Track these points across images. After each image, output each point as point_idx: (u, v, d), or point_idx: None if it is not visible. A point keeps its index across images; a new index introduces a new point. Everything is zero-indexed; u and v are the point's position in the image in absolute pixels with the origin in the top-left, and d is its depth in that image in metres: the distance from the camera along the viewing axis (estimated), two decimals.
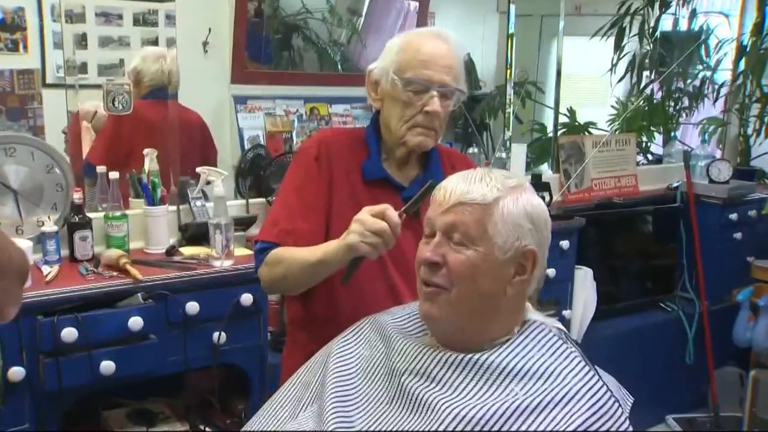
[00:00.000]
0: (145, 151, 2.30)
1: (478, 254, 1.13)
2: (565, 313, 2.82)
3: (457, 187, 1.16)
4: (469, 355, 1.12)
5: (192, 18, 2.98)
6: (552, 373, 1.09)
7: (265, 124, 3.19)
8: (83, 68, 2.97)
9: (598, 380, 1.11)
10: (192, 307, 1.97)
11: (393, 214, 1.27)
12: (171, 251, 2.16)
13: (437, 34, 1.46)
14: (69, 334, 1.75)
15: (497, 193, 1.14)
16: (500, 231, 1.12)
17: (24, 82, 2.99)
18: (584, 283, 2.87)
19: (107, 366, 1.80)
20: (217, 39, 3.10)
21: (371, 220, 1.27)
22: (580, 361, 1.13)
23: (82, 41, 3.00)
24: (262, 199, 2.49)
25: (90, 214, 2.11)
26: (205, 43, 3.10)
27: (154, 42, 2.96)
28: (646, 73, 3.80)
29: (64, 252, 2.05)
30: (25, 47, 3.03)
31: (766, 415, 3.01)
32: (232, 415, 2.18)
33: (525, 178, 1.24)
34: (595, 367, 1.16)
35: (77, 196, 2.03)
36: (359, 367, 1.24)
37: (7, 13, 2.84)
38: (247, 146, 3.10)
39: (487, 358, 1.12)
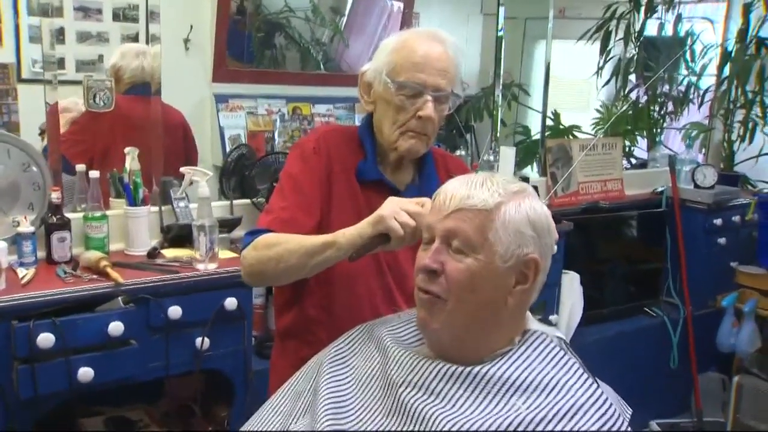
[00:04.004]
0: (126, 149, 2.23)
1: (477, 262, 1.09)
2: (552, 318, 2.80)
3: (458, 192, 1.11)
4: (469, 368, 1.08)
5: (173, 15, 2.94)
6: (556, 385, 1.05)
7: (247, 123, 3.17)
8: (61, 64, 2.90)
9: (602, 392, 1.07)
10: (174, 311, 1.90)
11: (426, 201, 1.22)
12: (153, 253, 2.09)
13: (433, 35, 1.41)
14: (45, 339, 1.67)
15: (499, 198, 1.10)
16: (501, 238, 1.09)
17: None
18: (571, 287, 2.85)
19: (85, 372, 1.73)
20: (199, 36, 3.06)
21: (410, 203, 1.22)
22: (582, 373, 1.10)
23: (59, 36, 2.93)
24: (246, 201, 2.43)
25: (68, 215, 2.03)
26: (186, 41, 3.06)
27: (134, 38, 2.90)
28: (631, 77, 3.79)
29: (41, 254, 1.97)
30: (0, 41, 2.95)
31: (749, 420, 3.02)
32: (215, 422, 2.12)
33: (527, 183, 1.18)
34: (596, 378, 1.12)
35: (55, 196, 1.95)
36: (354, 377, 1.20)
37: None
38: (228, 146, 3.05)
39: (487, 371, 1.08)
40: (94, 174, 2.04)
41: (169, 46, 2.94)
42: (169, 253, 2.13)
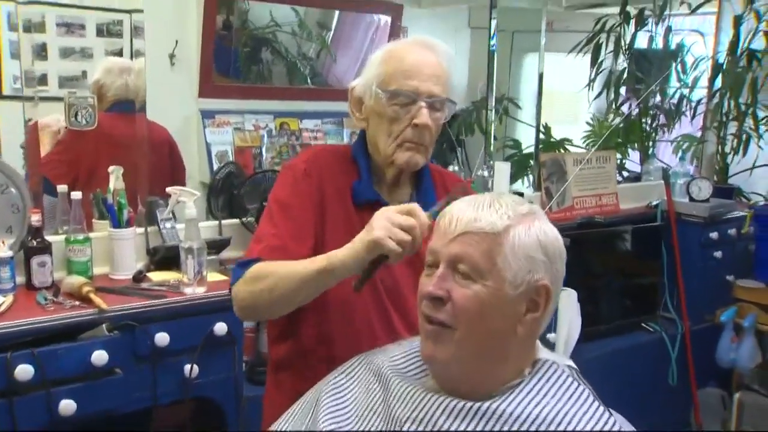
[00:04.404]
0: (110, 168, 2.14)
1: (486, 289, 1.02)
2: (550, 336, 2.72)
3: (464, 214, 1.05)
4: (478, 403, 1.01)
5: (158, 30, 2.90)
6: (572, 420, 0.99)
7: (234, 139, 3.13)
8: (43, 80, 2.83)
9: (615, 421, 1.01)
10: (161, 338, 1.82)
11: (422, 213, 1.16)
12: (138, 277, 2.01)
13: (422, 42, 1.36)
14: (24, 371, 1.58)
15: (508, 221, 1.03)
16: (511, 264, 1.02)
17: None
18: (569, 305, 2.78)
19: (67, 405, 1.64)
20: (185, 52, 3.01)
21: (400, 217, 1.14)
22: (597, 405, 1.04)
23: (41, 52, 2.86)
24: (236, 220, 2.35)
25: (50, 237, 1.95)
26: (171, 56, 3.01)
27: (119, 54, 2.83)
28: (621, 90, 3.77)
29: (20, 279, 1.89)
30: None
31: None
32: None
33: (536, 205, 1.12)
34: (608, 408, 1.06)
35: (35, 218, 1.87)
36: (354, 412, 1.12)
37: None
38: (215, 162, 3.00)
39: (498, 406, 1.01)
40: (76, 195, 1.96)
41: (154, 62, 2.90)
42: (156, 276, 2.05)
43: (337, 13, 3.54)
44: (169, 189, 2.05)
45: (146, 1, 2.80)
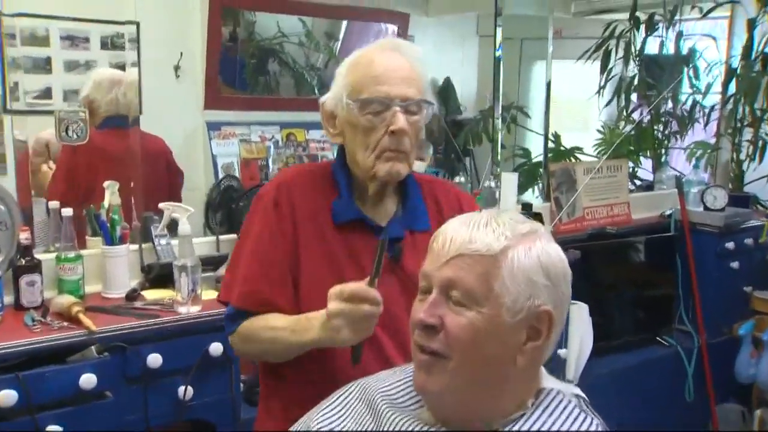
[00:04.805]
0: (106, 183, 2.10)
1: (482, 317, 0.94)
2: (561, 352, 2.64)
3: (458, 234, 0.97)
4: None
5: (163, 42, 2.89)
6: None
7: (240, 150, 3.08)
8: (47, 93, 2.81)
9: None
10: (154, 359, 1.76)
11: (369, 292, 1.13)
12: (132, 295, 1.95)
13: (388, 45, 1.30)
14: (7, 397, 1.52)
15: (505, 242, 0.95)
16: (509, 288, 0.94)
17: None
18: (580, 319, 2.68)
19: (54, 431, 1.57)
20: (189, 63, 2.98)
21: (355, 312, 1.12)
22: None
23: (46, 65, 2.85)
24: (233, 236, 2.29)
25: (40, 256, 1.90)
26: (176, 68, 2.97)
27: (122, 67, 2.81)
28: (632, 96, 3.69)
29: (9, 299, 1.83)
30: None
31: None
32: None
33: (537, 223, 1.04)
34: None
35: (24, 236, 1.81)
36: None
37: None
38: (221, 174, 2.95)
39: None
40: (67, 211, 1.90)
41: (159, 74, 2.88)
42: (151, 294, 1.99)
43: (344, 23, 3.51)
44: (161, 205, 1.99)
45: (149, 13, 2.79)
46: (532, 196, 3.68)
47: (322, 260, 1.25)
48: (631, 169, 3.66)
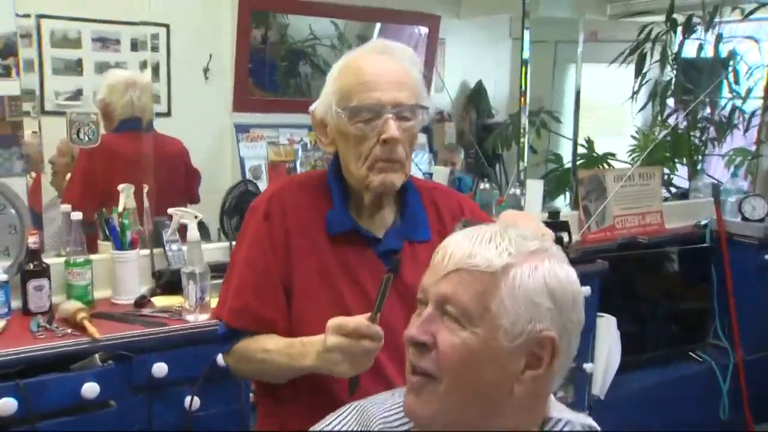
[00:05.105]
0: (120, 186, 2.07)
1: (476, 338, 0.86)
2: (587, 366, 2.54)
3: (459, 248, 0.89)
4: None
5: (193, 44, 2.92)
6: None
7: (268, 153, 3.05)
8: (78, 95, 2.83)
9: None
10: (159, 368, 1.71)
11: (371, 329, 1.06)
12: (141, 302, 1.91)
13: (378, 48, 1.23)
14: (6, 405, 1.48)
15: (508, 258, 0.87)
16: (508, 309, 0.85)
17: (13, 108, 2.85)
18: (607, 332, 2.59)
19: None
20: (219, 66, 3.00)
21: (355, 348, 1.07)
22: None
23: (77, 67, 2.87)
24: None
25: (50, 260, 1.87)
26: (206, 70, 2.98)
27: (154, 68, 2.81)
28: (668, 101, 3.56)
29: (16, 303, 1.80)
30: (18, 72, 2.88)
31: None
32: None
33: (550, 242, 0.96)
34: None
35: (32, 240, 1.79)
36: None
37: None
38: (248, 177, 2.92)
39: None
40: (76, 215, 1.87)
41: (188, 76, 2.88)
42: (160, 301, 1.95)
43: (377, 25, 3.50)
44: (170, 210, 1.96)
45: (179, 15, 2.78)
46: (563, 203, 3.58)
47: (315, 272, 1.19)
48: (666, 177, 3.54)
